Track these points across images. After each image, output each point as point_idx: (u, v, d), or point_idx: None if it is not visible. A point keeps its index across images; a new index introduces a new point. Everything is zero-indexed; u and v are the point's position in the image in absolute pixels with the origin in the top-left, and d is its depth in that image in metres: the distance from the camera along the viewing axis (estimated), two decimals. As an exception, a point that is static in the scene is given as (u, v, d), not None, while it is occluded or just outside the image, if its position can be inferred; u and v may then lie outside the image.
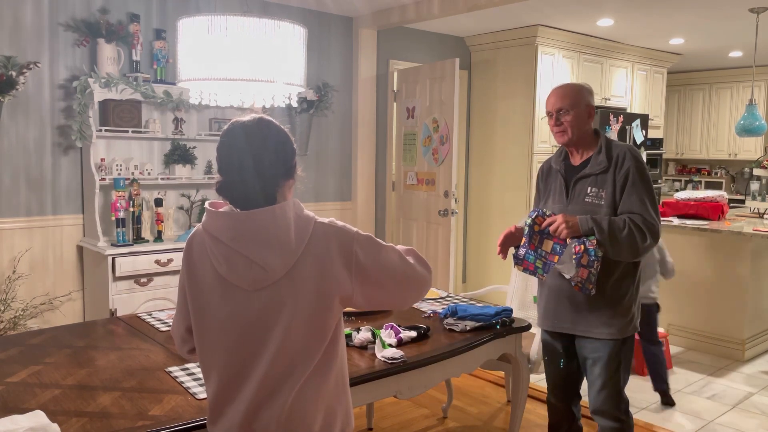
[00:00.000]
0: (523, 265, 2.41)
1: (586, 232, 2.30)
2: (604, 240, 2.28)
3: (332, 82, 5.17)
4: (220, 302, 1.45)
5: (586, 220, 2.31)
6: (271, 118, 1.52)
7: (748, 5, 4.84)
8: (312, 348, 1.44)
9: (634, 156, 2.37)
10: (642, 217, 2.30)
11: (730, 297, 4.56)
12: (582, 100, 2.44)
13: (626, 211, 2.33)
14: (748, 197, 6.36)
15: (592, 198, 2.39)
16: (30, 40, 3.84)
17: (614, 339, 2.41)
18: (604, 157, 2.39)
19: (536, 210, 2.44)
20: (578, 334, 2.47)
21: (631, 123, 6.23)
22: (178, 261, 3.91)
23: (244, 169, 1.44)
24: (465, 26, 5.66)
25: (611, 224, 2.29)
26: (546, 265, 2.38)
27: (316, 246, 1.43)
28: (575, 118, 2.41)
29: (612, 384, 2.43)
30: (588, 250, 2.27)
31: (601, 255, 2.29)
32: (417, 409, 3.64)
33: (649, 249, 2.34)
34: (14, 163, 3.85)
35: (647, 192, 2.34)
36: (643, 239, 2.29)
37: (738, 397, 3.90)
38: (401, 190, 5.63)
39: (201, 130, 4.47)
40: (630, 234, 2.27)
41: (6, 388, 1.99)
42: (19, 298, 3.82)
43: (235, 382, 1.45)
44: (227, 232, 1.42)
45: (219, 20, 2.31)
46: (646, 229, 2.29)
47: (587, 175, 2.42)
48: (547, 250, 2.39)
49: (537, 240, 2.40)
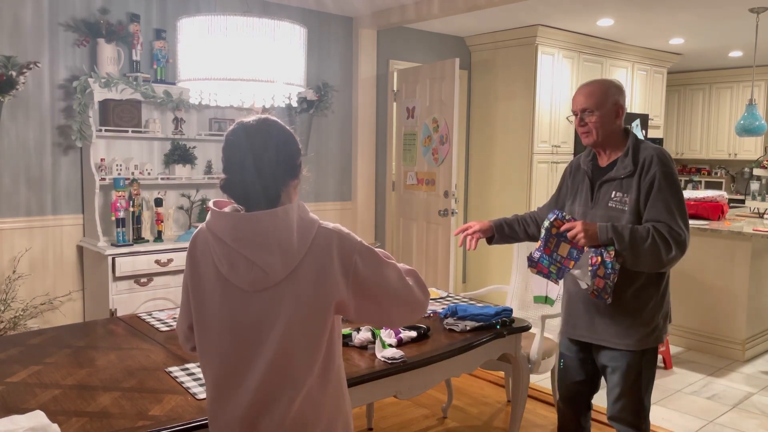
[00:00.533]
0: (537, 268, 2.35)
1: (605, 242, 2.20)
2: (623, 251, 2.17)
3: (332, 82, 5.17)
4: (220, 301, 1.46)
5: (606, 229, 2.20)
6: (275, 119, 1.52)
7: (748, 5, 4.84)
8: (309, 353, 1.44)
9: (662, 161, 2.23)
10: (668, 227, 2.17)
11: (730, 297, 4.56)
12: (608, 99, 2.32)
13: (652, 219, 2.20)
14: (748, 197, 6.37)
15: (616, 203, 2.29)
16: (30, 40, 3.84)
17: (632, 350, 2.31)
18: (630, 161, 2.27)
19: (556, 212, 2.34)
20: (595, 342, 2.39)
21: (631, 123, 6.23)
22: (178, 261, 3.91)
23: (245, 168, 1.44)
24: (465, 26, 5.66)
25: (633, 234, 2.17)
26: (560, 270, 2.32)
27: (317, 251, 1.42)
28: (600, 119, 2.31)
29: (630, 393, 2.34)
30: (605, 262, 2.18)
31: (618, 267, 2.20)
32: (417, 409, 3.64)
33: (675, 261, 2.20)
34: (14, 163, 3.85)
35: (675, 199, 2.20)
36: (668, 251, 2.16)
37: (738, 397, 3.90)
38: (401, 190, 5.64)
39: (201, 130, 4.47)
40: (653, 245, 2.15)
41: (6, 388, 1.99)
42: (19, 298, 3.82)
43: (232, 383, 1.45)
44: (230, 232, 1.42)
45: (219, 20, 2.31)
46: (672, 240, 2.16)
47: (612, 179, 2.31)
48: (563, 255, 2.33)
49: (554, 243, 2.32)
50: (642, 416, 2.38)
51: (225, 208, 1.48)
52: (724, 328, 4.61)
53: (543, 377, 3.90)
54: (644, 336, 2.31)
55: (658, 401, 3.79)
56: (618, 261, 2.20)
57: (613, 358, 2.35)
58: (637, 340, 2.31)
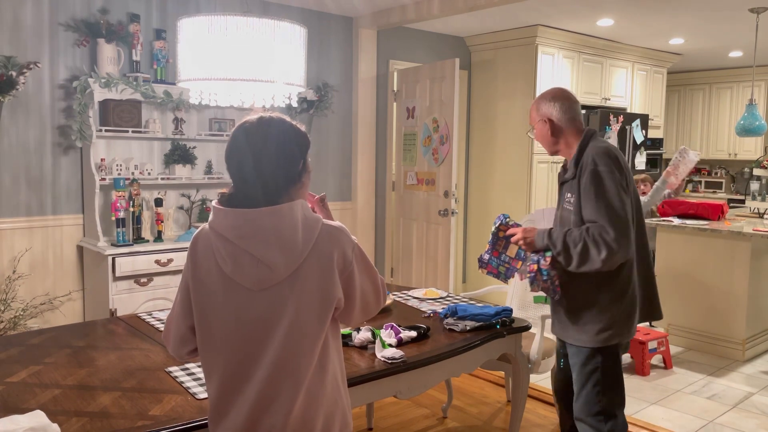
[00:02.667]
0: (487, 269, 2.55)
1: (543, 248, 2.31)
2: (558, 255, 2.27)
3: (332, 82, 5.17)
4: (223, 301, 1.45)
5: (542, 236, 2.32)
6: (278, 117, 1.52)
7: (748, 5, 4.84)
8: (311, 349, 1.44)
9: (595, 160, 2.24)
10: (600, 227, 2.18)
11: (730, 297, 4.56)
12: (537, 114, 2.44)
13: (588, 220, 2.23)
14: (748, 197, 6.37)
15: (568, 205, 2.36)
16: (30, 40, 3.84)
17: (585, 347, 2.34)
18: (573, 163, 2.33)
19: (500, 218, 2.53)
20: (561, 338, 2.47)
21: (631, 123, 6.23)
22: (178, 261, 3.91)
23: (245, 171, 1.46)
24: (465, 26, 5.66)
25: (566, 240, 2.24)
26: (508, 270, 2.53)
27: (321, 248, 1.44)
28: (538, 133, 2.46)
29: (586, 392, 2.35)
30: (541, 270, 2.29)
31: (554, 273, 2.30)
32: (417, 409, 3.64)
33: (610, 261, 2.18)
34: (14, 163, 3.85)
35: (601, 198, 2.20)
36: (598, 251, 2.17)
37: (738, 397, 3.90)
38: (401, 190, 5.63)
39: (201, 130, 4.47)
40: (584, 247, 2.19)
41: (6, 388, 1.99)
42: (19, 298, 3.82)
43: (236, 383, 1.45)
44: (234, 230, 1.42)
45: (219, 20, 2.31)
46: (602, 241, 2.16)
47: (566, 181, 2.39)
48: (512, 255, 2.52)
49: (501, 245, 2.52)
50: (604, 419, 2.33)
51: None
52: (724, 328, 4.61)
53: (543, 377, 3.90)
54: (595, 333, 2.31)
55: (658, 401, 3.79)
56: (555, 266, 2.30)
57: (573, 354, 2.42)
58: (590, 337, 2.32)
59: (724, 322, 4.60)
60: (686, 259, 4.68)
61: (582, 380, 2.38)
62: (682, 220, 4.87)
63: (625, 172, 2.29)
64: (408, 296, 3.30)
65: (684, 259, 4.65)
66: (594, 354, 2.34)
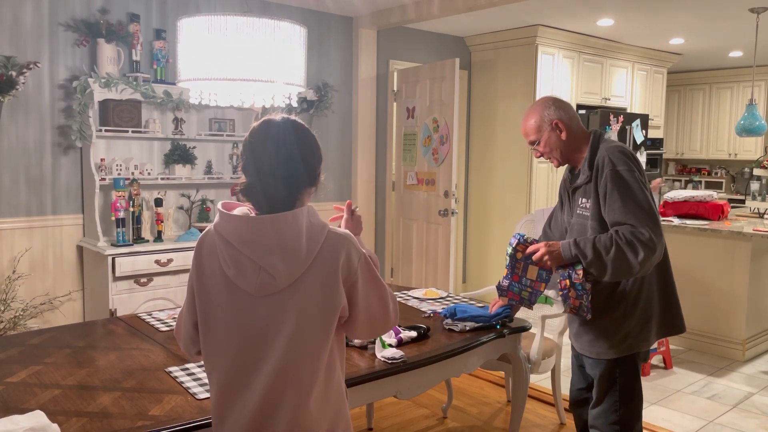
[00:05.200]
0: (508, 296, 2.34)
1: (571, 260, 2.16)
2: (590, 266, 2.12)
3: (332, 82, 5.17)
4: (226, 305, 1.44)
5: (569, 247, 2.16)
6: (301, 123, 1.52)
7: (748, 5, 4.84)
8: (316, 358, 1.43)
9: (612, 160, 2.16)
10: (631, 228, 2.07)
11: (730, 297, 4.56)
12: (543, 123, 2.30)
13: (614, 223, 2.11)
14: (748, 197, 6.37)
15: (583, 210, 2.26)
16: (30, 40, 3.84)
17: (603, 359, 2.28)
18: (587, 166, 2.24)
19: (517, 236, 2.32)
20: (578, 351, 2.41)
21: (631, 123, 6.23)
22: (178, 261, 3.91)
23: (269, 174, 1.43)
24: (465, 26, 5.66)
25: (596, 246, 2.10)
26: (532, 294, 2.31)
27: (326, 256, 1.42)
28: (547, 145, 2.31)
29: (605, 403, 2.31)
30: (574, 284, 2.14)
31: (589, 286, 2.16)
32: (417, 409, 3.64)
33: (648, 263, 2.07)
34: (14, 163, 3.85)
35: (629, 197, 2.10)
36: (635, 254, 2.05)
37: (738, 397, 3.90)
38: (401, 190, 5.63)
39: (201, 130, 4.47)
40: (618, 252, 2.06)
41: (6, 388, 1.99)
42: (19, 298, 3.82)
43: (237, 387, 1.44)
44: (238, 235, 1.41)
45: (219, 20, 2.31)
46: (637, 242, 2.04)
47: (579, 186, 2.29)
48: (533, 278, 2.29)
49: (521, 267, 2.29)
50: (620, 429, 2.30)
51: (234, 210, 1.47)
52: (724, 328, 4.61)
53: (543, 377, 3.90)
54: (614, 344, 2.25)
55: (658, 401, 3.79)
56: (588, 278, 2.16)
57: (591, 366, 2.36)
58: (606, 349, 2.26)
59: (725, 322, 4.60)
60: (686, 259, 4.68)
61: (600, 391, 2.32)
62: (682, 220, 4.87)
63: (642, 170, 2.22)
64: (408, 296, 3.30)
65: (684, 259, 4.65)
66: (613, 366, 2.28)
